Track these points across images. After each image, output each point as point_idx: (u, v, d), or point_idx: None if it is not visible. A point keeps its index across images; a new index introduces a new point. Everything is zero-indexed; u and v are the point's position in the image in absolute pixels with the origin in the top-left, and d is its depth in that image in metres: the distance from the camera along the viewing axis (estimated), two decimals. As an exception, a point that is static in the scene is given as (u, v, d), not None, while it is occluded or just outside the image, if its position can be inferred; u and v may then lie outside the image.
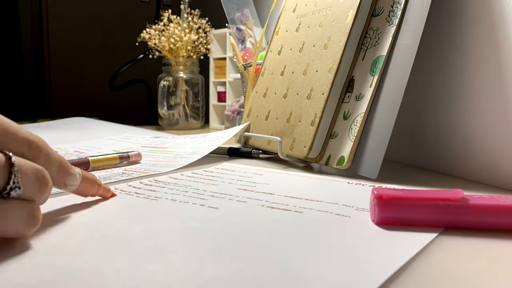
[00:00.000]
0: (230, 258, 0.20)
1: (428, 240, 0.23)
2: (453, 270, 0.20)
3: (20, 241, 0.21)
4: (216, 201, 0.31)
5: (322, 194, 0.33)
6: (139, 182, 0.37)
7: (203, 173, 0.42)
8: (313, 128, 0.46)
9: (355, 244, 0.22)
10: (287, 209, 0.29)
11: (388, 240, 0.23)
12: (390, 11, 0.43)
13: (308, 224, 0.26)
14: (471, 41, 0.40)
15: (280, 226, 0.25)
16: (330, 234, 0.24)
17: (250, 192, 0.34)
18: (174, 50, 1.01)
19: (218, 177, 0.40)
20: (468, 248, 0.22)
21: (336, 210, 0.29)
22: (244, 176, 0.41)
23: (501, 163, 0.37)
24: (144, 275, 0.18)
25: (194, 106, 1.06)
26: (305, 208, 0.29)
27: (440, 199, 0.25)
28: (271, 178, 0.40)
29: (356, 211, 0.28)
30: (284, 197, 0.32)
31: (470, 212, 0.25)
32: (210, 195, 0.33)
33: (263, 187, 0.36)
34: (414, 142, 0.50)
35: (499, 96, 0.37)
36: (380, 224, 0.25)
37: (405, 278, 0.18)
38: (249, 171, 0.44)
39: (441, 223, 0.25)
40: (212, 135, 0.61)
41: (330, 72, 0.46)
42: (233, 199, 0.31)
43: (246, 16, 0.84)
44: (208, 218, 0.27)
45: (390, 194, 0.25)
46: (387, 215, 0.25)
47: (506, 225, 0.25)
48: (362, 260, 0.20)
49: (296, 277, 0.18)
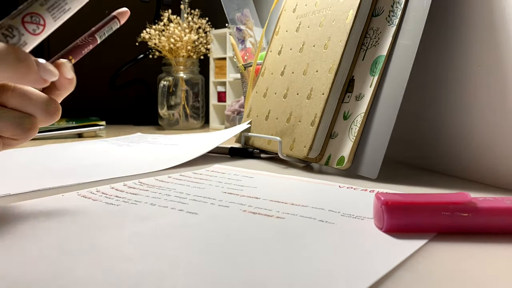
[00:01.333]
0: (198, 267, 0.19)
1: (418, 246, 0.22)
2: (451, 271, 0.20)
3: None
4: (196, 206, 0.30)
5: (309, 199, 0.32)
6: (122, 184, 0.36)
7: (192, 175, 0.41)
8: (313, 128, 0.46)
9: (337, 252, 0.21)
10: (269, 215, 0.27)
11: (372, 249, 0.22)
12: (390, 11, 0.43)
13: (287, 232, 0.24)
14: (471, 41, 0.40)
15: (257, 233, 0.24)
16: (305, 242, 0.22)
17: (235, 196, 0.33)
18: (174, 50, 1.01)
19: (206, 179, 0.39)
20: (468, 250, 0.22)
21: (320, 216, 0.27)
22: (233, 179, 0.40)
23: (501, 163, 0.37)
24: (102, 286, 0.17)
25: (194, 106, 1.06)
26: (288, 214, 0.28)
27: (449, 203, 0.24)
28: (261, 181, 0.39)
29: (342, 217, 0.27)
30: (269, 202, 0.31)
31: (478, 215, 0.24)
32: (192, 199, 0.31)
33: (250, 191, 0.35)
34: (414, 142, 0.50)
35: (499, 96, 0.37)
36: (389, 231, 0.24)
37: (394, 283, 0.18)
38: (239, 173, 0.43)
39: (450, 227, 0.24)
40: (213, 134, 0.61)
41: (330, 72, 0.46)
42: (215, 204, 0.30)
43: (246, 16, 0.84)
44: (184, 224, 0.25)
45: (398, 200, 0.24)
46: (397, 221, 0.24)
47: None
48: (345, 268, 0.19)
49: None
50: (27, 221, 0.25)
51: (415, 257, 0.21)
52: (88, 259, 0.20)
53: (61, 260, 0.19)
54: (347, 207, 0.29)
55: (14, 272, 0.18)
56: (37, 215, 0.27)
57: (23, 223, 0.25)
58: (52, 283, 0.17)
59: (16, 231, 0.23)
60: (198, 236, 0.23)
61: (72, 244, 0.22)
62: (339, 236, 0.24)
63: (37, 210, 0.28)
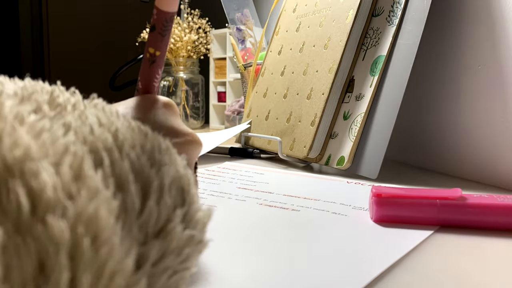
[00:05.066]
0: (229, 252, 0.21)
1: (423, 238, 0.23)
2: (446, 266, 0.20)
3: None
4: (215, 200, 0.31)
5: (320, 193, 0.34)
6: None
7: (205, 172, 0.43)
8: (313, 128, 0.46)
9: (351, 241, 0.23)
10: (285, 208, 0.29)
11: (383, 238, 0.23)
12: (390, 11, 0.43)
13: (303, 222, 0.26)
14: (471, 41, 0.40)
15: (276, 223, 0.26)
16: (325, 232, 0.24)
17: (249, 191, 0.34)
18: (174, 50, 1.01)
19: (219, 176, 0.41)
20: (463, 245, 0.22)
21: (333, 209, 0.29)
22: (245, 175, 0.41)
23: (501, 163, 0.37)
24: None
25: (194, 106, 1.06)
26: (303, 207, 0.29)
27: (438, 197, 0.25)
28: (272, 178, 0.40)
29: (353, 210, 0.29)
30: (282, 196, 0.33)
31: (467, 211, 0.25)
32: (209, 194, 0.33)
33: (263, 186, 0.36)
34: (414, 142, 0.50)
35: (498, 96, 0.37)
36: (378, 221, 0.26)
37: (399, 273, 0.18)
38: (250, 170, 0.44)
39: (438, 221, 0.25)
40: (213, 134, 0.61)
41: (330, 72, 0.46)
42: (232, 198, 0.32)
43: (246, 16, 0.84)
44: None
45: (388, 192, 0.26)
46: (385, 213, 0.26)
47: (503, 225, 0.25)
48: (357, 256, 0.20)
49: (289, 272, 0.18)
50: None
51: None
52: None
53: None
54: (357, 201, 0.31)
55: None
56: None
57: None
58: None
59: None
60: (223, 227, 0.25)
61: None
62: (354, 226, 0.25)
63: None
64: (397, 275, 0.19)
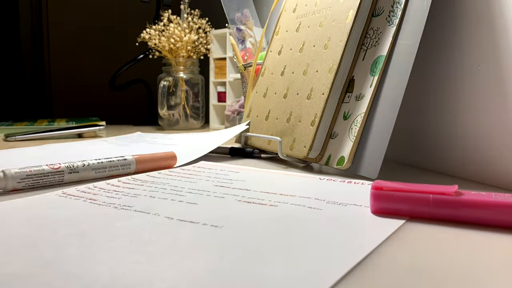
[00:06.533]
0: (210, 249, 0.21)
1: (395, 227, 0.25)
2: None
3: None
4: (194, 197, 0.32)
5: (294, 189, 0.35)
6: (117, 180, 0.38)
7: (180, 171, 0.43)
8: (313, 128, 0.46)
9: (327, 234, 0.24)
10: (263, 204, 0.30)
11: (357, 229, 0.25)
12: (390, 11, 0.43)
13: (281, 216, 0.27)
14: (471, 41, 0.40)
15: (256, 217, 0.27)
16: (304, 225, 0.25)
17: (227, 188, 0.35)
18: (174, 50, 1.01)
19: (195, 175, 0.41)
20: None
21: (308, 204, 0.30)
22: (221, 174, 0.42)
23: (501, 163, 0.37)
24: (128, 265, 0.18)
25: (194, 106, 1.06)
26: (280, 202, 0.30)
27: (432, 192, 0.26)
28: (247, 176, 0.41)
29: (327, 204, 0.30)
30: (259, 193, 0.33)
31: (459, 206, 0.25)
32: (188, 192, 0.34)
33: (239, 184, 0.37)
34: (414, 142, 0.50)
35: (498, 96, 0.37)
36: (375, 213, 0.28)
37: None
38: (225, 169, 0.45)
39: (432, 215, 0.26)
40: (213, 134, 0.61)
41: (330, 72, 0.46)
42: (211, 195, 0.32)
43: (246, 16, 0.84)
44: (188, 212, 0.27)
45: (386, 186, 0.27)
46: (381, 205, 0.27)
47: (496, 222, 0.25)
48: (332, 248, 0.21)
49: (266, 265, 0.19)
50: (44, 211, 0.27)
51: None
52: (109, 244, 0.21)
53: (85, 244, 0.21)
54: (329, 196, 0.32)
55: (46, 254, 0.18)
56: (44, 208, 0.28)
57: (34, 216, 0.26)
58: (83, 263, 0.18)
59: (21, 225, 0.24)
60: (206, 222, 0.25)
61: (89, 231, 0.23)
62: (329, 220, 0.26)
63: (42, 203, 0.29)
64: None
